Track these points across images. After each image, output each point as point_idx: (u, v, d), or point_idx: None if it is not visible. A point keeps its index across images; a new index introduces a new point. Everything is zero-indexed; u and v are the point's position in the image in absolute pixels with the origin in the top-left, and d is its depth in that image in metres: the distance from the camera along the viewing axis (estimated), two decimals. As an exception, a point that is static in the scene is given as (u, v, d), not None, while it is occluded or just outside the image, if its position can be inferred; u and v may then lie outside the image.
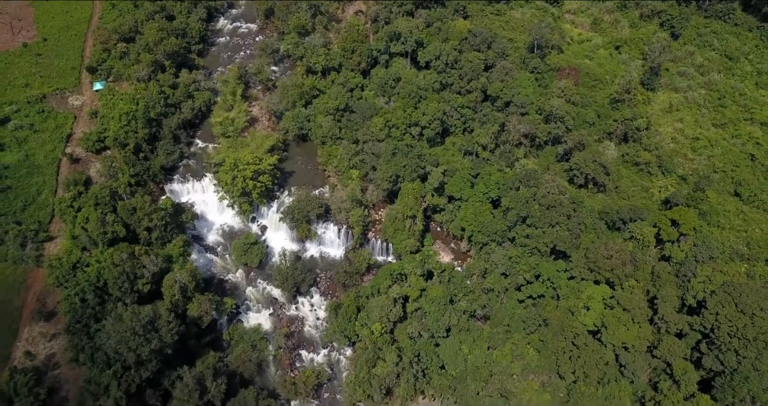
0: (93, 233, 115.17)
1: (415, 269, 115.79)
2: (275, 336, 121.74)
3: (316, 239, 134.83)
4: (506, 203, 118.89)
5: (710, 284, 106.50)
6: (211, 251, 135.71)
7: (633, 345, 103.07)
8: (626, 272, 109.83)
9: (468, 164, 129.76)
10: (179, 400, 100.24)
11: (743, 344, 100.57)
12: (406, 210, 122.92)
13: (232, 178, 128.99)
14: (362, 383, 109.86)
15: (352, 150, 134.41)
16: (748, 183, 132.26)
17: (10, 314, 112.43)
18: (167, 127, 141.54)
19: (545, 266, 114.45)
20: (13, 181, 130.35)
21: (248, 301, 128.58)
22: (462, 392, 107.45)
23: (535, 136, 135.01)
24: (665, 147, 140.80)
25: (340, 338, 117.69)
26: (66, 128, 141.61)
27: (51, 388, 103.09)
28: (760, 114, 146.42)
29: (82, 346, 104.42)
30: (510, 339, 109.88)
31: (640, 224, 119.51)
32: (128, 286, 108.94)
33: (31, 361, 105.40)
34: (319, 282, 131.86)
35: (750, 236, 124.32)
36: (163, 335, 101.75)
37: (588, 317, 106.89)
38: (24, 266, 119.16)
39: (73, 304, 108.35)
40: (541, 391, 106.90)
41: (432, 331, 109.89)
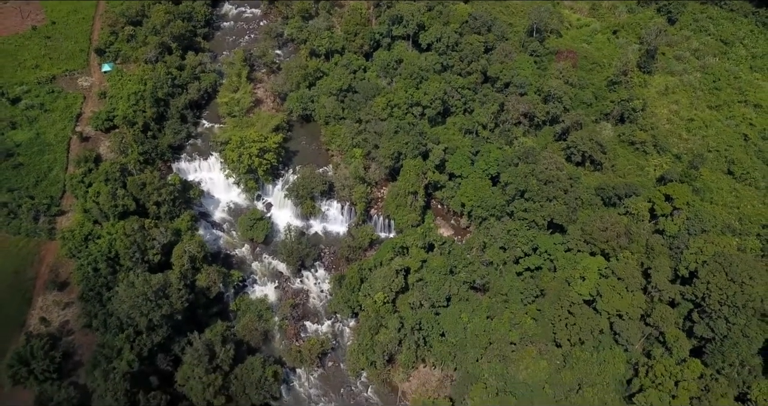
0: (104, 207, 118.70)
1: (417, 241, 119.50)
2: (281, 307, 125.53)
3: (319, 215, 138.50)
4: (505, 178, 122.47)
5: (702, 255, 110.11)
6: (217, 227, 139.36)
7: (627, 313, 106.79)
8: (621, 243, 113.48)
9: (468, 142, 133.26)
10: (189, 364, 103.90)
11: (733, 311, 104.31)
12: (408, 186, 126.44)
13: (239, 156, 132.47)
14: (365, 351, 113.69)
15: (354, 129, 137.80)
16: (741, 162, 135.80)
17: (25, 284, 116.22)
18: (174, 107, 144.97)
19: (543, 239, 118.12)
20: (25, 158, 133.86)
21: (254, 275, 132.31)
22: (462, 358, 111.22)
23: (533, 115, 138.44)
24: (661, 127, 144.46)
25: (344, 309, 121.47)
26: (75, 108, 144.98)
27: (65, 353, 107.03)
28: (754, 96, 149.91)
29: (95, 312, 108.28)
30: (508, 309, 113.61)
31: (635, 199, 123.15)
32: (139, 256, 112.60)
33: (45, 327, 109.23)
34: (323, 257, 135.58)
35: (742, 212, 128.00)
36: (174, 302, 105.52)
37: (584, 287, 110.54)
38: (37, 239, 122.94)
39: (85, 273, 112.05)
40: (538, 358, 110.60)
41: (433, 300, 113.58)
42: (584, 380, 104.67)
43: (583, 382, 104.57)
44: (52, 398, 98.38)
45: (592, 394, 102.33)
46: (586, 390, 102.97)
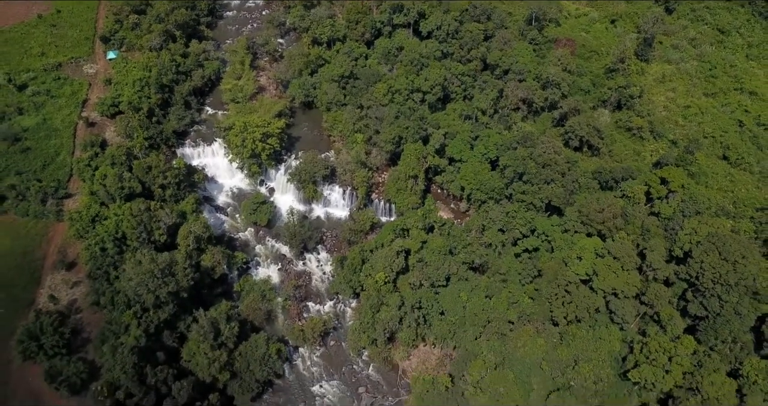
0: (111, 189, 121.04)
1: (417, 222, 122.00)
2: (284, 288, 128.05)
3: (321, 200, 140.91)
4: (504, 161, 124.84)
5: (696, 235, 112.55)
6: (221, 211, 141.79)
7: (622, 291, 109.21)
8: (617, 225, 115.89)
9: (468, 128, 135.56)
10: (195, 341, 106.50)
11: (726, 289, 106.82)
12: (409, 170, 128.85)
13: (242, 141, 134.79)
14: (366, 329, 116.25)
15: (356, 115, 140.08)
16: (735, 147, 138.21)
17: (33, 264, 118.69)
18: (179, 94, 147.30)
19: (540, 220, 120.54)
20: (32, 143, 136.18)
21: (258, 257, 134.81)
22: (461, 336, 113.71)
23: (532, 101, 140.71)
24: (657, 114, 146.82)
25: (346, 289, 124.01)
26: (81, 94, 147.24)
27: (73, 330, 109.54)
28: (750, 84, 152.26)
29: (103, 290, 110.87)
30: (506, 288, 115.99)
31: (631, 183, 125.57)
32: (145, 236, 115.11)
33: (54, 305, 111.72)
34: (325, 240, 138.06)
35: (736, 196, 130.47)
36: (180, 280, 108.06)
37: (580, 267, 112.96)
38: (45, 221, 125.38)
39: (93, 253, 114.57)
40: (535, 336, 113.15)
41: (432, 279, 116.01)
42: (580, 356, 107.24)
43: (579, 358, 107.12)
44: (62, 372, 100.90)
45: (588, 369, 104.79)
46: (581, 366, 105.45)
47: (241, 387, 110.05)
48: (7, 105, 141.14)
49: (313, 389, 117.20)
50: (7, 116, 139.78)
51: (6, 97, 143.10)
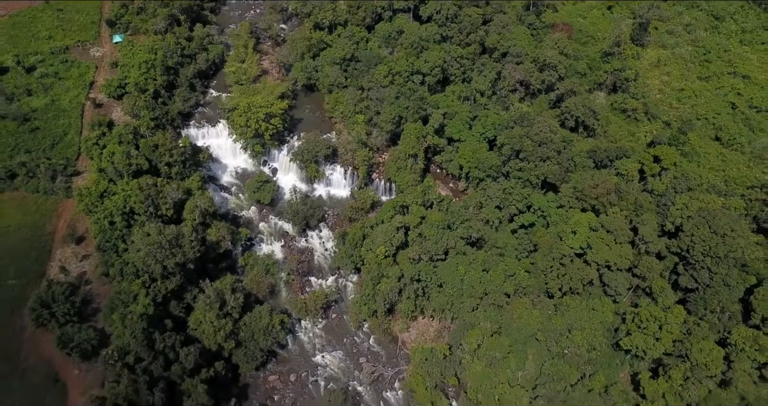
0: (119, 166, 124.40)
1: (417, 198, 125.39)
2: (287, 263, 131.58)
3: (323, 179, 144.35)
4: (501, 140, 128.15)
5: (687, 210, 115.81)
6: (225, 190, 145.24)
7: (615, 263, 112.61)
8: (610, 200, 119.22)
9: (467, 109, 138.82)
10: (201, 310, 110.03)
11: (715, 261, 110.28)
12: (408, 149, 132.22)
13: (246, 121, 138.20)
14: (367, 301, 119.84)
15: (357, 96, 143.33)
16: (728, 128, 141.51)
17: (44, 238, 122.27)
18: (184, 76, 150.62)
19: (536, 197, 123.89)
20: (41, 123, 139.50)
21: (261, 234, 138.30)
22: (458, 308, 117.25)
23: (529, 83, 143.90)
24: (652, 97, 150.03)
25: (347, 264, 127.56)
26: (88, 76, 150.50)
27: (83, 300, 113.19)
28: (743, 68, 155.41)
29: (112, 262, 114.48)
30: (503, 262, 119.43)
31: (625, 161, 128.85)
32: (153, 210, 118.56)
33: (65, 276, 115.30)
34: (327, 218, 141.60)
35: (728, 175, 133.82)
36: (187, 251, 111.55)
37: (575, 241, 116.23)
38: (54, 197, 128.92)
39: (102, 226, 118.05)
40: (530, 308, 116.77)
41: (431, 253, 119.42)
42: (574, 325, 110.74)
43: (573, 327, 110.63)
44: (73, 339, 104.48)
45: (581, 337, 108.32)
46: (575, 334, 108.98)
47: (245, 355, 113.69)
48: (16, 87, 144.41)
49: (315, 359, 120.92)
50: (17, 97, 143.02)
51: (15, 79, 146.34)
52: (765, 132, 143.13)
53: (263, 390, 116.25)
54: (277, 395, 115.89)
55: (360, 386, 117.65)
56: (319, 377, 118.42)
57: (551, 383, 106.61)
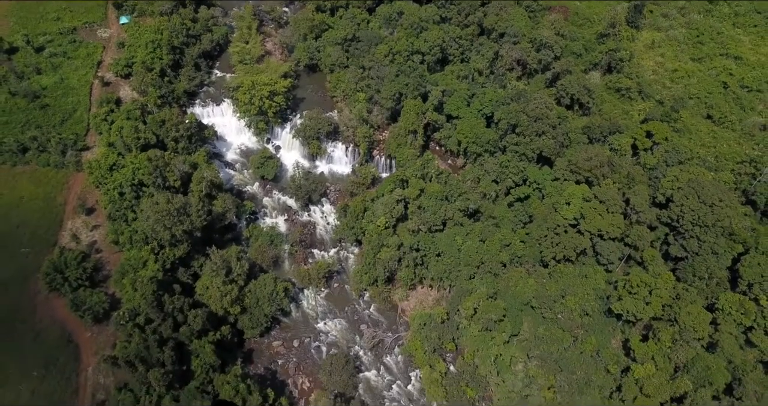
0: (127, 140, 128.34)
1: (416, 171, 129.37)
2: (290, 236, 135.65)
3: (325, 156, 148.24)
4: (498, 115, 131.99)
5: (677, 181, 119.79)
6: (230, 167, 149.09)
7: (607, 232, 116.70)
8: (603, 172, 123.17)
9: (465, 86, 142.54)
10: (208, 275, 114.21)
11: (704, 230, 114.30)
12: (408, 125, 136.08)
13: (250, 98, 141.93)
14: (368, 270, 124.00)
15: (358, 75, 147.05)
16: (719, 107, 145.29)
17: (55, 209, 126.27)
18: (189, 56, 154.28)
19: (532, 170, 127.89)
20: (50, 100, 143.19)
21: (265, 208, 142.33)
22: (456, 275, 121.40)
23: (526, 63, 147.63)
24: (646, 77, 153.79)
25: (348, 235, 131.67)
26: (96, 56, 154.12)
27: (94, 267, 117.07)
28: (735, 50, 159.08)
29: (122, 230, 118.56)
30: (499, 232, 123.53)
31: (619, 136, 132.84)
32: (161, 182, 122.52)
33: (76, 244, 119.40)
34: (329, 194, 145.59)
35: (718, 151, 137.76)
36: (194, 220, 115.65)
37: (569, 211, 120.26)
38: (65, 171, 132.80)
39: (112, 197, 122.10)
40: (526, 276, 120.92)
41: (430, 224, 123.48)
42: (567, 291, 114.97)
43: (566, 292, 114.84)
44: (85, 302, 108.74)
45: (574, 302, 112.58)
46: (568, 299, 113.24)
47: (250, 321, 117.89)
48: (26, 65, 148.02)
49: (317, 326, 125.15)
50: (26, 76, 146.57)
51: (25, 58, 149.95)
52: (755, 110, 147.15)
53: (267, 355, 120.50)
54: (280, 359, 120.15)
55: (361, 351, 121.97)
56: (321, 343, 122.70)
57: (545, 345, 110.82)
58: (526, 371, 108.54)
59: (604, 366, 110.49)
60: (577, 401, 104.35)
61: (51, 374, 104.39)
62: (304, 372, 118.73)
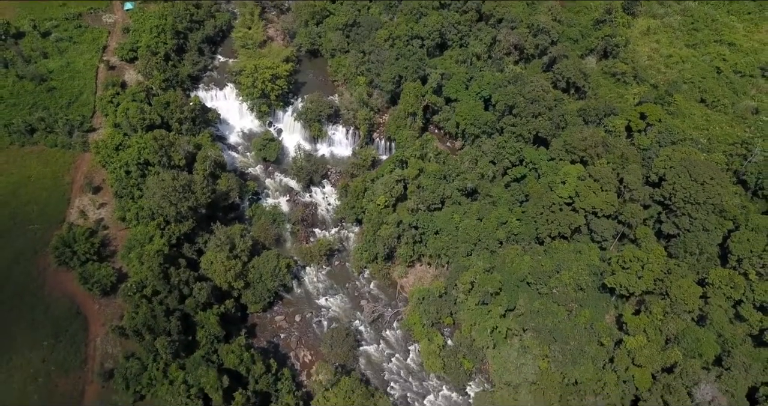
0: (133, 120, 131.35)
1: (415, 152, 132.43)
2: (292, 216, 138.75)
3: (326, 139, 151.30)
4: (496, 98, 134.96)
5: (670, 161, 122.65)
6: (233, 149, 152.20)
7: (601, 209, 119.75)
8: (598, 152, 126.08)
9: (464, 70, 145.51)
10: (213, 250, 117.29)
11: (695, 208, 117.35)
12: (408, 107, 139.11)
13: (253, 81, 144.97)
14: (368, 247, 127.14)
15: (359, 59, 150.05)
16: (712, 91, 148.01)
17: (63, 188, 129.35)
18: (193, 41, 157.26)
19: (528, 150, 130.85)
20: (57, 83, 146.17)
21: (267, 190, 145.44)
22: (454, 252, 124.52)
23: (523, 48, 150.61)
24: (641, 62, 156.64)
25: (349, 214, 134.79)
26: (101, 41, 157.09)
27: (102, 243, 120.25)
28: (729, 36, 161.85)
29: (128, 207, 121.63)
30: (496, 210, 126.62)
31: (613, 118, 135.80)
32: (166, 160, 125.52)
33: (84, 221, 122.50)
34: (330, 175, 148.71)
35: (711, 133, 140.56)
36: (199, 196, 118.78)
37: (564, 190, 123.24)
38: (72, 151, 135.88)
39: (118, 175, 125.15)
40: (521, 254, 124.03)
41: (428, 202, 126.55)
42: (562, 266, 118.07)
43: (561, 267, 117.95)
44: (93, 275, 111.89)
45: (569, 276, 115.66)
46: (562, 274, 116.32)
47: (254, 296, 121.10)
48: (32, 50, 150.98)
49: (319, 302, 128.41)
50: (33, 60, 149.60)
51: (32, 42, 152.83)
52: (747, 95, 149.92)
53: (270, 329, 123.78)
54: (283, 333, 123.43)
55: (361, 325, 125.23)
56: (322, 318, 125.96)
57: (540, 318, 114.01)
58: (521, 343, 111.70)
59: (597, 339, 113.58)
60: (570, 370, 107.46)
61: (61, 344, 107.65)
62: (306, 346, 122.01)
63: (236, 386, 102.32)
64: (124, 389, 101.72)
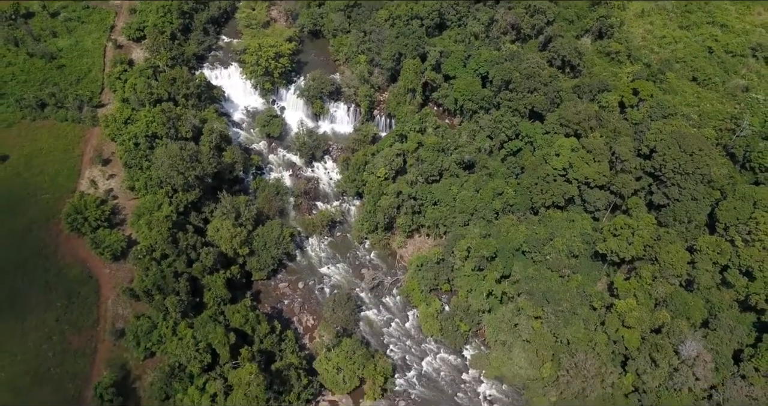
0: (141, 95, 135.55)
1: (414, 125, 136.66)
2: (295, 189, 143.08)
3: (328, 116, 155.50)
4: (493, 74, 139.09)
5: (661, 133, 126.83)
6: (237, 126, 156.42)
7: (594, 180, 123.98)
8: (591, 125, 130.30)
9: (462, 48, 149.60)
10: (219, 218, 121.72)
11: (684, 178, 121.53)
12: (408, 83, 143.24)
13: (257, 59, 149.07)
14: (369, 217, 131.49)
15: (360, 39, 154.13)
16: (704, 69, 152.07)
17: (73, 160, 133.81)
18: (198, 21, 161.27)
19: (524, 124, 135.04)
20: (66, 61, 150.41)
21: (270, 165, 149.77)
22: (451, 222, 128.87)
23: (520, 28, 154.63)
24: (635, 43, 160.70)
25: (350, 187, 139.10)
26: (109, 21, 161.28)
27: (112, 211, 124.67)
28: (721, 18, 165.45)
29: (137, 177, 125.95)
30: (492, 182, 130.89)
31: (607, 94, 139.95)
32: (173, 133, 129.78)
33: (95, 190, 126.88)
34: (332, 151, 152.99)
35: (702, 110, 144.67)
36: (205, 166, 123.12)
37: (558, 162, 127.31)
38: (82, 125, 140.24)
39: (127, 147, 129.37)
40: (517, 224, 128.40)
41: (427, 174, 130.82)
42: (555, 233, 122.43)
43: (554, 234, 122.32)
44: (104, 240, 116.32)
45: (562, 243, 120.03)
46: (556, 240, 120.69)
47: (258, 263, 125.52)
48: (42, 29, 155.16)
49: (321, 270, 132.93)
50: (43, 39, 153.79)
51: (41, 22, 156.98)
52: (738, 74, 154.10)
53: (274, 296, 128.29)
54: (286, 299, 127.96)
55: (362, 292, 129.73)
56: (324, 285, 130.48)
57: (534, 283, 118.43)
58: (516, 305, 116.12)
59: (589, 303, 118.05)
60: (562, 330, 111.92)
61: (73, 305, 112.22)
62: (309, 311, 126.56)
63: (242, 344, 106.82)
64: (135, 346, 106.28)
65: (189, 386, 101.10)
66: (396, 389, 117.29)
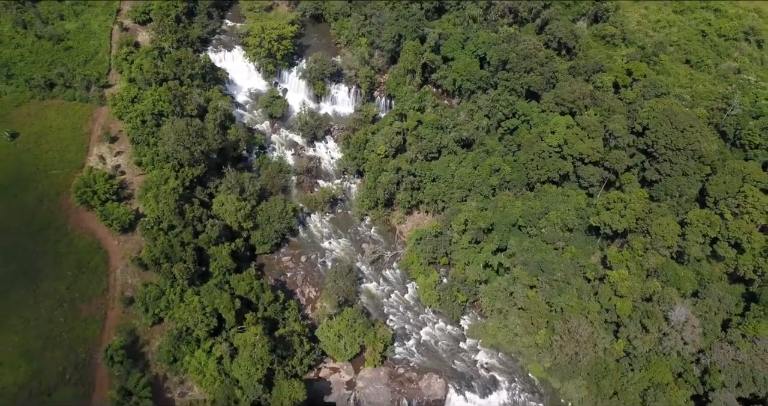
0: (147, 74, 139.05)
1: (414, 104, 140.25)
2: (297, 168, 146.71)
3: (329, 97, 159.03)
4: (490, 55, 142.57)
5: (653, 112, 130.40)
6: (241, 107, 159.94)
7: (588, 155, 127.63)
8: (586, 103, 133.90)
9: (460, 31, 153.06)
10: (224, 192, 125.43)
11: (675, 153, 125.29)
12: (407, 64, 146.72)
13: (260, 42, 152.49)
14: (369, 194, 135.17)
15: (360, 21, 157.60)
16: (697, 52, 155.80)
17: (82, 137, 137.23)
18: (202, 5, 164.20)
19: (521, 104, 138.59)
20: (74, 43, 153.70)
21: (273, 144, 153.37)
22: (449, 197, 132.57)
23: (517, 11, 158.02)
24: (630, 27, 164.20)
25: (351, 165, 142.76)
26: (115, 4, 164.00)
27: (120, 185, 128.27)
28: (715, 3, 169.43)
29: (144, 153, 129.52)
30: (489, 159, 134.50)
31: (602, 75, 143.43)
32: (179, 110, 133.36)
33: (103, 165, 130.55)
34: (333, 131, 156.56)
35: (694, 90, 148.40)
36: (210, 142, 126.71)
37: (553, 139, 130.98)
38: (89, 105, 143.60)
39: (134, 124, 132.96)
40: (513, 200, 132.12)
41: (426, 151, 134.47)
42: (550, 207, 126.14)
43: (549, 208, 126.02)
44: (113, 213, 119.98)
45: (556, 216, 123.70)
46: (551, 214, 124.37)
47: (262, 236, 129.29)
48: (50, 12, 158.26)
49: (323, 245, 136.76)
50: (51, 21, 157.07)
51: (49, 5, 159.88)
52: (731, 57, 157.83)
53: (277, 269, 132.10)
54: (289, 272, 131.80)
55: (363, 266, 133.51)
56: (326, 259, 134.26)
57: (529, 254, 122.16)
58: (511, 275, 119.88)
59: (582, 274, 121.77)
60: (557, 299, 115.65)
61: (83, 274, 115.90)
62: (311, 283, 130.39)
63: (247, 311, 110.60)
64: (143, 312, 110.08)
65: (196, 349, 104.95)
66: (395, 357, 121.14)
